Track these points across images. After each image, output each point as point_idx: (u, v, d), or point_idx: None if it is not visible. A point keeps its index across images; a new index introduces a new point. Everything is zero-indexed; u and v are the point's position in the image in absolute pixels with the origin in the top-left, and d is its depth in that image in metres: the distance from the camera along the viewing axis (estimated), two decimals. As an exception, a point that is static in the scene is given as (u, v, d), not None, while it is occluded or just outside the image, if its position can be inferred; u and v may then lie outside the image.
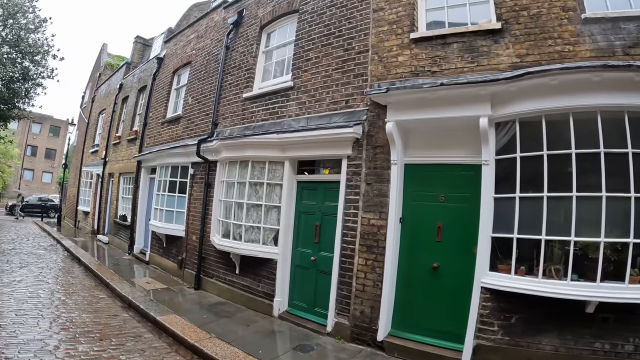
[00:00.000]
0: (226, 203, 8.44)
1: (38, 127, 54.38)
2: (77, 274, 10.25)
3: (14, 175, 47.12)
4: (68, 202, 25.37)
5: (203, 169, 9.60)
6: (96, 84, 24.02)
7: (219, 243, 8.27)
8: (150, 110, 13.60)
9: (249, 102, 8.80)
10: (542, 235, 4.68)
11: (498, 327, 4.92)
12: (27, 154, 52.35)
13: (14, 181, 47.28)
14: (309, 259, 7.19)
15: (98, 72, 25.21)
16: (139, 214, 13.05)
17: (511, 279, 4.85)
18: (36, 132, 54.20)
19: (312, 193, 7.42)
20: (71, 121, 24.42)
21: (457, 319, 5.30)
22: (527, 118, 5.03)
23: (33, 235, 17.61)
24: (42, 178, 54.46)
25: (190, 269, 9.67)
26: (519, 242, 4.91)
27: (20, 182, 48.42)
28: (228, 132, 9.02)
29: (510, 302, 4.87)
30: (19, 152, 30.60)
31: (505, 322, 4.90)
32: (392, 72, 6.31)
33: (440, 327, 5.53)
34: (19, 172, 49.38)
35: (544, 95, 4.79)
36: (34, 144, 53.78)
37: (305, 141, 7.08)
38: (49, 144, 55.33)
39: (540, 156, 4.82)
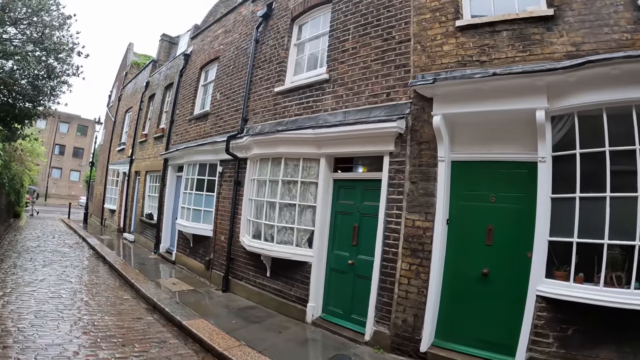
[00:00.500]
0: (257, 202, 8.07)
1: (66, 127, 55.55)
2: (101, 273, 10.07)
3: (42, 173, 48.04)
4: (95, 200, 25.52)
5: (232, 167, 9.26)
6: (123, 83, 24.12)
7: (249, 244, 7.90)
8: (177, 108, 13.37)
9: (280, 96, 8.41)
10: (605, 239, 4.25)
11: (553, 339, 4.47)
12: (55, 153, 53.52)
13: (42, 179, 48.20)
14: (346, 262, 6.77)
15: (124, 71, 25.30)
16: (166, 213, 12.82)
17: (569, 287, 4.41)
18: (64, 132, 55.32)
19: (350, 192, 7.00)
20: (98, 120, 24.50)
21: (507, 330, 4.91)
22: (586, 111, 4.59)
23: (59, 232, 17.67)
24: (69, 176, 55.51)
25: (218, 270, 9.34)
26: (577, 246, 4.49)
27: (48, 180, 49.33)
28: (259, 128, 8.65)
29: (567, 312, 4.42)
30: (46, 150, 30.87)
31: (561, 334, 4.43)
32: (437, 63, 5.84)
33: (489, 337, 5.11)
34: (47, 170, 50.30)
35: (605, 86, 4.36)
36: (61, 143, 54.89)
37: (343, 137, 6.67)
38: (77, 143, 56.34)
39: (601, 153, 4.40)
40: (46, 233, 16.83)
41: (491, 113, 5.19)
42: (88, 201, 24.65)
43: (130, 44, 27.35)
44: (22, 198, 21.14)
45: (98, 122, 24.58)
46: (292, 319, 7.11)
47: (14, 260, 10.25)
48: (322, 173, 7.15)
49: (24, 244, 13.15)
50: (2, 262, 9.91)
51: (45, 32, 13.17)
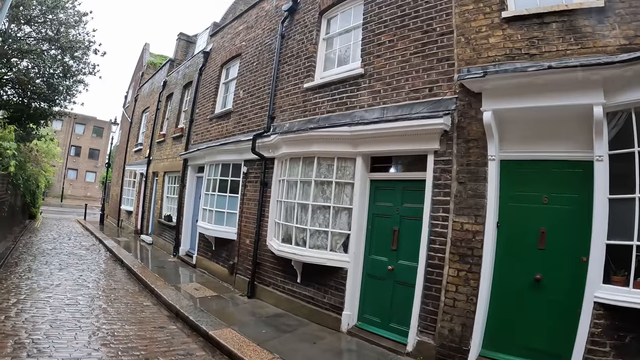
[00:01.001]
0: (286, 204, 7.66)
1: (82, 128, 55.92)
2: (119, 277, 9.75)
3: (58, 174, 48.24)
4: (111, 201, 25.38)
5: (258, 167, 8.87)
6: (139, 83, 23.94)
7: (278, 249, 7.47)
8: (196, 106, 13.02)
9: (311, 92, 8.00)
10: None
11: (610, 347, 4.18)
12: (70, 154, 53.86)
13: (58, 180, 48.40)
14: (385, 268, 6.36)
15: (141, 71, 25.14)
16: (185, 215, 12.46)
17: (628, 293, 4.13)
18: (80, 133, 55.66)
19: (389, 193, 6.58)
20: (114, 120, 24.35)
21: (560, 338, 4.63)
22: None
23: (75, 234, 17.46)
24: (85, 177, 55.83)
25: (242, 275, 8.94)
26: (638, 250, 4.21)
27: (64, 182, 49.55)
28: (287, 125, 8.24)
29: (625, 319, 4.15)
30: (61, 151, 30.77)
31: (619, 342, 4.15)
32: (483, 56, 5.48)
33: (540, 346, 4.80)
34: (63, 171, 50.52)
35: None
36: (77, 144, 55.22)
37: (382, 134, 6.26)
38: (93, 144, 56.64)
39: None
40: (62, 235, 16.60)
41: (543, 109, 4.87)
42: (104, 202, 24.46)
43: (146, 44, 27.19)
44: (37, 199, 21.00)
45: (114, 122, 24.45)
46: (326, 327, 6.70)
47: (29, 263, 9.94)
48: (359, 173, 6.74)
49: (40, 246, 12.89)
50: (17, 265, 9.62)
51: (61, 30, 12.87)
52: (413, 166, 6.27)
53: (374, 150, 6.56)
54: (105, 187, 26.59)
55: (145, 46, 27.17)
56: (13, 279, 8.27)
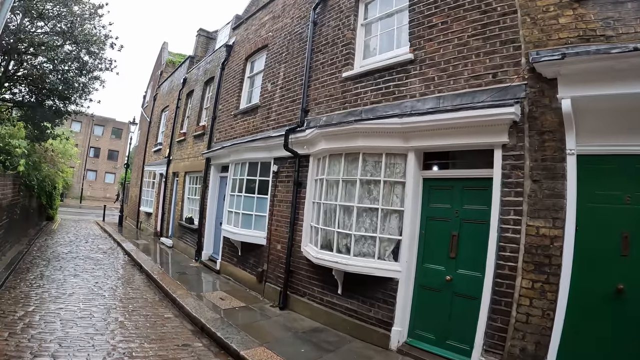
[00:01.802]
0: (325, 206, 6.85)
1: (100, 129, 56.11)
2: (137, 284, 9.07)
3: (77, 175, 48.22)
4: (130, 202, 24.91)
5: (290, 165, 8.09)
6: (158, 82, 23.45)
7: (316, 256, 6.66)
8: (219, 103, 12.30)
9: (350, 82, 7.21)
10: None
11: None
12: (90, 155, 54.00)
13: (77, 181, 48.40)
14: (441, 278, 5.58)
15: (159, 70, 24.65)
16: (208, 217, 11.74)
17: None
18: (99, 134, 55.81)
19: (446, 193, 5.77)
20: (133, 120, 23.83)
21: None
22: None
23: (93, 236, 16.94)
24: (104, 179, 55.87)
25: (272, 283, 8.15)
26: None
27: (83, 183, 49.55)
28: (324, 119, 7.45)
29: None
30: (79, 151, 30.32)
31: None
32: (554, 38, 4.81)
33: None
34: (82, 172, 50.52)
35: None
36: (96, 146, 55.31)
37: (439, 126, 5.48)
38: (111, 146, 56.68)
39: None
40: (79, 237, 16.07)
41: (628, 96, 4.19)
42: (123, 203, 23.96)
43: (165, 43, 26.73)
44: (54, 200, 20.52)
45: (133, 122, 23.93)
46: (372, 345, 5.92)
47: (41, 269, 9.28)
48: (411, 171, 5.95)
49: (55, 249, 12.31)
50: (28, 271, 8.95)
51: (75, 23, 12.12)
52: (475, 162, 5.48)
53: (428, 145, 5.77)
54: (124, 188, 26.09)
55: (164, 45, 26.69)
56: (23, 287, 7.61)
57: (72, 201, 43.44)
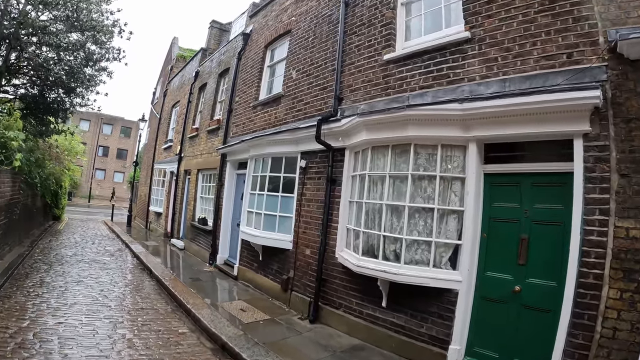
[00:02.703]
0: (367, 206, 5.94)
1: (109, 128, 55.72)
2: (147, 291, 8.21)
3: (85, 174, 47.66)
4: (139, 201, 24.16)
5: (322, 160, 7.22)
6: (168, 78, 22.65)
7: (358, 264, 5.74)
8: (235, 95, 11.43)
9: (393, 65, 6.30)
10: None
11: None
12: (98, 154, 53.57)
13: (86, 180, 47.84)
14: (507, 288, 4.75)
15: (169, 65, 23.84)
16: (224, 218, 10.86)
17: None
18: (107, 133, 55.42)
19: (511, 191, 4.93)
20: (142, 117, 23.03)
21: None
22: None
23: (100, 237, 16.14)
24: (113, 178, 55.39)
25: (300, 292, 7.27)
26: None
27: (91, 182, 48.98)
28: (363, 107, 6.56)
29: None
30: (85, 148, 29.30)
31: None
32: (633, 15, 4.18)
33: None
34: (91, 171, 49.99)
35: None
36: (105, 145, 54.90)
37: (508, 112, 4.67)
38: (120, 145, 56.24)
39: None
40: (86, 238, 15.24)
41: None
42: (132, 203, 23.18)
43: (175, 38, 25.92)
44: (60, 199, 19.65)
45: (142, 119, 23.14)
46: (425, 368, 5.01)
47: (41, 275, 8.39)
48: (472, 164, 5.07)
49: (59, 251, 11.48)
50: (27, 277, 8.05)
51: (80, 7, 11.07)
52: (546, 155, 4.69)
53: (491, 135, 4.90)
54: (133, 187, 25.30)
55: (174, 40, 25.88)
56: (19, 296, 6.72)
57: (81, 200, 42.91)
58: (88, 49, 12.03)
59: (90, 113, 50.09)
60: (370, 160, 5.95)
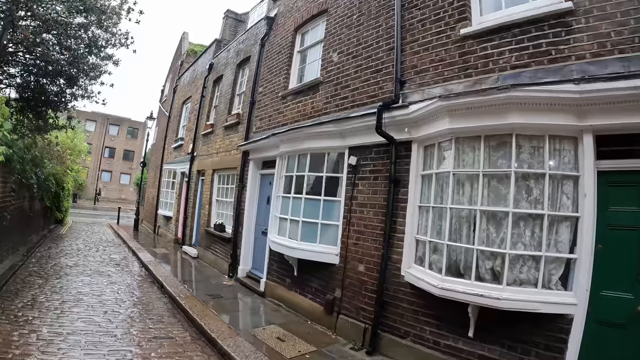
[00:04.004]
0: (452, 213, 4.72)
1: (116, 129, 54.84)
2: (159, 311, 6.97)
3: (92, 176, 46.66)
4: (146, 204, 23.00)
5: (378, 156, 6.04)
6: (178, 73, 21.54)
7: (440, 285, 4.53)
8: (259, 85, 10.23)
9: (473, 41, 5.10)
10: None
11: None
12: (104, 156, 52.61)
13: (91, 182, 46.82)
14: (630, 309, 3.70)
15: (179, 60, 22.74)
16: (246, 224, 9.62)
17: None
18: (114, 134, 54.52)
19: (631, 192, 3.85)
20: (150, 114, 21.89)
21: None
22: None
23: (105, 242, 14.98)
24: (120, 179, 54.44)
25: (351, 316, 6.07)
26: None
27: (97, 183, 47.98)
28: (436, 90, 5.34)
29: None
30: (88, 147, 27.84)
31: None
32: None
33: None
34: (97, 173, 48.99)
35: None
36: (111, 146, 53.98)
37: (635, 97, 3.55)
38: (127, 146, 55.29)
39: None
40: (89, 244, 14.05)
41: None
42: (139, 206, 21.99)
43: (185, 32, 24.82)
44: (62, 202, 18.28)
45: (151, 117, 22.00)
46: None
47: (34, 292, 7.17)
48: (589, 160, 3.98)
49: (58, 261, 10.27)
50: (17, 296, 6.81)
51: None
52: None
53: (609, 124, 3.86)
54: (140, 189, 24.10)
55: (184, 35, 24.76)
56: (3, 322, 5.43)
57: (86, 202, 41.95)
58: (92, 32, 10.61)
59: (97, 113, 49.37)
60: (455, 155, 4.71)
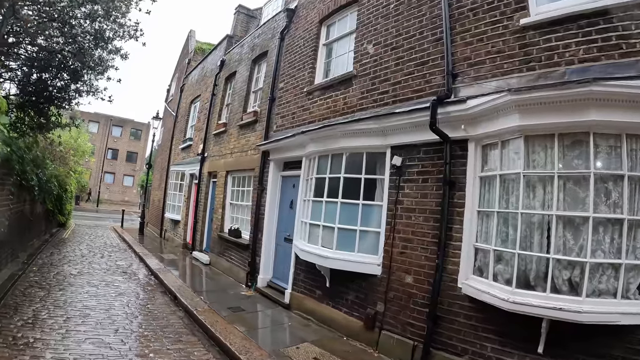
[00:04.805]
0: (522, 219, 4.19)
1: (119, 130, 54.51)
2: (176, 328, 6.32)
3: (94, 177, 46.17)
4: (152, 207, 22.49)
5: (428, 156, 5.51)
6: (185, 72, 21.02)
7: (511, 299, 4.00)
8: (279, 80, 9.70)
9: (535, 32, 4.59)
10: None
11: None
12: (107, 157, 52.24)
13: (94, 184, 46.34)
14: None
15: (186, 58, 22.25)
16: (266, 230, 9.06)
17: None
18: (117, 135, 54.20)
19: None
20: (156, 114, 21.33)
21: None
22: None
23: (110, 247, 14.42)
24: (123, 181, 54.05)
25: (396, 332, 5.52)
26: None
27: (100, 185, 47.53)
28: (494, 84, 4.77)
29: None
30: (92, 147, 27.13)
31: None
32: None
33: None
34: (100, 175, 48.55)
35: None
36: (114, 147, 53.59)
37: None
38: (130, 147, 54.92)
39: None
40: (94, 249, 13.46)
41: None
42: (144, 209, 21.46)
43: (192, 30, 24.32)
44: (64, 205, 17.71)
45: (157, 117, 21.40)
46: None
47: (36, 306, 6.47)
48: None
49: (61, 269, 9.63)
50: (16, 312, 6.05)
51: None
52: None
53: None
54: (146, 192, 23.53)
55: (191, 33, 24.26)
56: (0, 347, 4.72)
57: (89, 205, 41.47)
58: (99, 23, 9.84)
59: (99, 114, 48.92)
60: (525, 154, 4.22)
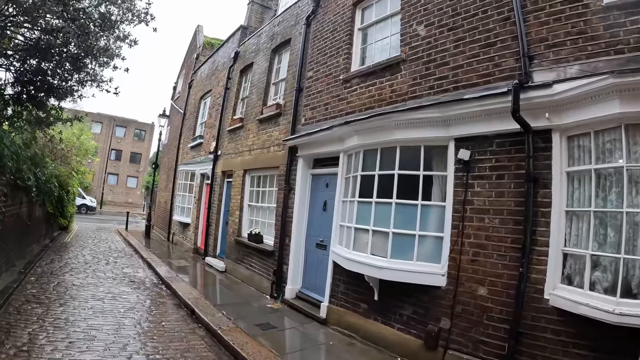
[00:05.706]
0: (628, 220, 3.64)
1: (122, 131, 54.05)
2: (198, 352, 5.47)
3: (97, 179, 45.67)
4: (158, 209, 21.83)
5: (502, 149, 4.84)
6: (193, 68, 20.42)
7: (617, 311, 3.46)
8: (306, 69, 9.02)
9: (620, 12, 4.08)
10: None
11: None
12: (111, 158, 51.90)
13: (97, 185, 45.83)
14: None
15: (194, 54, 21.63)
16: (295, 234, 8.35)
17: None
18: (120, 136, 53.76)
19: None
20: (163, 112, 20.71)
21: None
22: None
23: (115, 252, 13.70)
24: (126, 182, 53.65)
25: (466, 352, 4.83)
26: None
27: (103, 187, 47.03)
28: (577, 68, 4.14)
29: None
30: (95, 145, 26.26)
31: None
32: None
33: None
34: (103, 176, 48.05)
35: None
36: (118, 148, 53.18)
37: None
38: (134, 148, 54.51)
39: None
40: (98, 255, 12.68)
41: None
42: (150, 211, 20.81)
43: (199, 26, 23.70)
44: (65, 206, 16.90)
45: (163, 115, 20.75)
46: None
47: (32, 328, 5.58)
48: None
49: (62, 279, 8.80)
50: (8, 336, 5.18)
51: None
52: None
53: None
54: (152, 193, 22.86)
55: (198, 28, 23.64)
56: None
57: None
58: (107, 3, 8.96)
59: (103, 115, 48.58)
60: (627, 147, 3.68)
